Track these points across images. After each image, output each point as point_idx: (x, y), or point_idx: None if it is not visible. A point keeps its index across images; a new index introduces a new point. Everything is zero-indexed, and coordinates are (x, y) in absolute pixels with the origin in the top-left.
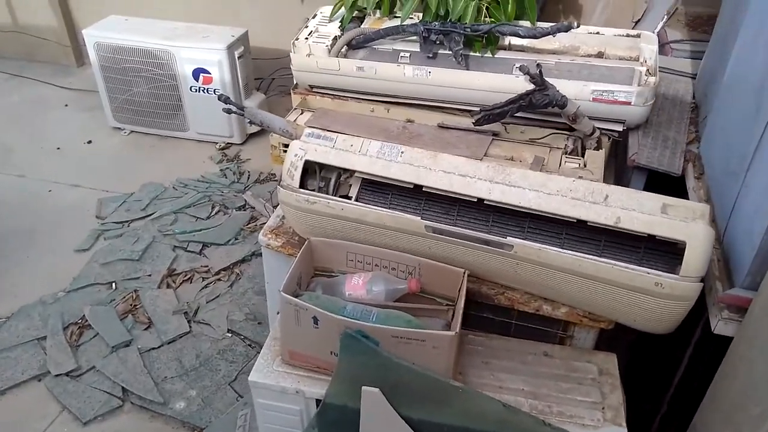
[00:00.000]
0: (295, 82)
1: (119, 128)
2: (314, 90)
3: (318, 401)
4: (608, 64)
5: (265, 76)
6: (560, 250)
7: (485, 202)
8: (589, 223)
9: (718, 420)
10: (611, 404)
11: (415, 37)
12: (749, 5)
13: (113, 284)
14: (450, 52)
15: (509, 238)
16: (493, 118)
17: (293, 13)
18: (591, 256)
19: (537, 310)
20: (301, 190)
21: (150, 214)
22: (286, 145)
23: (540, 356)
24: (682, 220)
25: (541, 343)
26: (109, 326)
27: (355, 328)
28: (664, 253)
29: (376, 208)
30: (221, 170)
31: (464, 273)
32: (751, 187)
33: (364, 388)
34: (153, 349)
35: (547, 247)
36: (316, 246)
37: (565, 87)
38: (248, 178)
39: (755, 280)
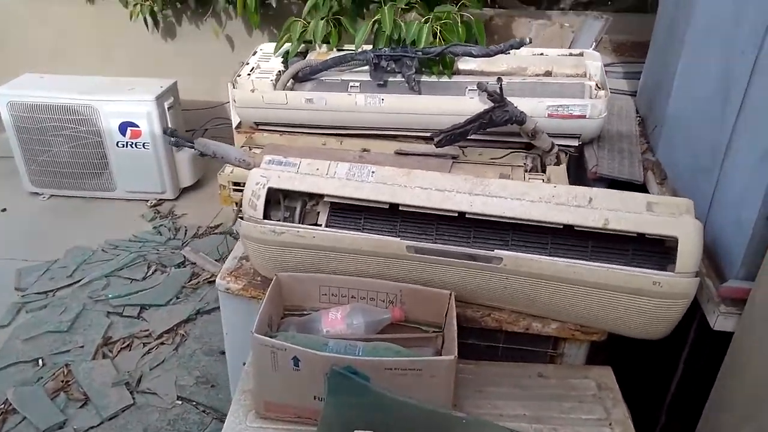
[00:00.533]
0: (237, 121)
1: (37, 193)
2: (260, 127)
3: None
4: (558, 81)
5: (197, 127)
6: (552, 258)
7: (466, 215)
8: (576, 228)
9: (730, 422)
10: (617, 419)
11: (363, 67)
12: (693, 14)
13: (40, 360)
14: (401, 79)
15: (497, 251)
16: (455, 138)
17: (222, 63)
18: (584, 262)
19: (526, 328)
20: (266, 221)
21: (77, 281)
22: (237, 184)
23: (535, 378)
24: (670, 216)
25: (532, 364)
26: (38, 408)
27: (344, 363)
28: (652, 253)
29: (350, 233)
30: (154, 228)
31: (450, 294)
32: (731, 177)
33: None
34: (92, 428)
35: (538, 256)
36: (284, 283)
37: (520, 104)
38: (185, 233)
39: (750, 270)
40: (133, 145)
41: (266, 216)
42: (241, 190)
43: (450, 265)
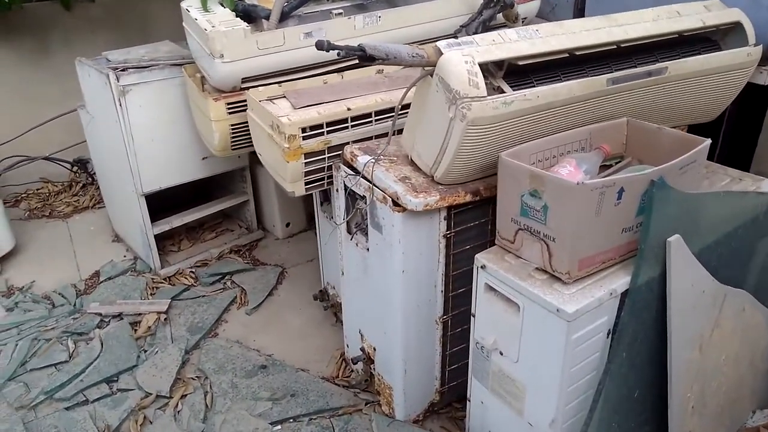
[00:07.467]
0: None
1: None
2: (245, 86)
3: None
4: None
5: None
6: (696, 57)
7: (623, 45)
8: (684, 35)
9: None
10: None
11: None
12: None
13: None
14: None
15: (658, 64)
16: (483, 24)
17: None
18: (709, 54)
19: None
20: (494, 95)
21: None
22: (313, 127)
23: None
24: (722, 9)
25: None
26: None
27: (657, 176)
28: (715, 42)
29: (566, 83)
30: (8, 310)
31: (627, 120)
32: None
33: (668, 239)
34: None
35: (685, 58)
36: (505, 162)
37: None
38: (63, 296)
39: None
40: None
41: None
42: (314, 136)
43: (631, 90)
